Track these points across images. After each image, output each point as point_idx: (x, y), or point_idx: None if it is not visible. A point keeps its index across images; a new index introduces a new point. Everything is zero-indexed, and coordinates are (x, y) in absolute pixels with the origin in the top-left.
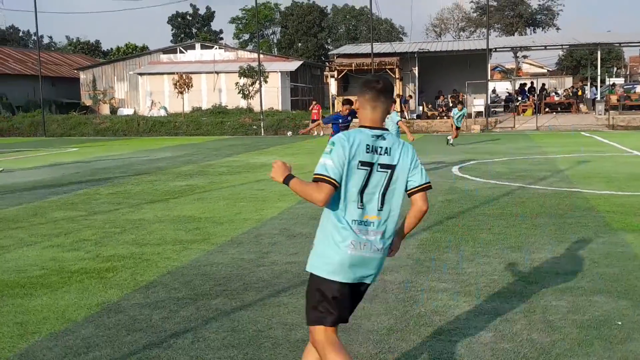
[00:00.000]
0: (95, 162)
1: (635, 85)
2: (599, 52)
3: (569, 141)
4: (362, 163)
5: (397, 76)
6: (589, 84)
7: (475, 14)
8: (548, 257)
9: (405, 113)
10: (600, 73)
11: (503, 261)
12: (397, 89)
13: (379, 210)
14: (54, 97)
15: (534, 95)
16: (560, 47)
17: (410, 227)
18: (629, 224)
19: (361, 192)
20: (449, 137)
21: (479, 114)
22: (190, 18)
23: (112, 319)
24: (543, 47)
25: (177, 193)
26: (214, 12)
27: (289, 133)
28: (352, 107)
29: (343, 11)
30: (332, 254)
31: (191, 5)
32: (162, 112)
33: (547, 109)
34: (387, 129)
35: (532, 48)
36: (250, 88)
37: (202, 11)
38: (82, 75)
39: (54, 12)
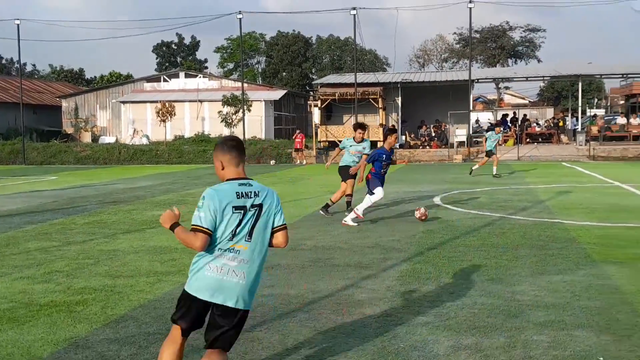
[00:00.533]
0: (74, 191)
1: (615, 117)
2: (579, 84)
3: (550, 172)
4: (236, 207)
5: (380, 106)
6: (569, 114)
7: (458, 45)
8: (529, 289)
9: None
10: (581, 104)
11: (484, 293)
12: (380, 118)
13: (246, 240)
14: (35, 125)
15: (515, 126)
16: (542, 78)
17: (285, 243)
18: (610, 255)
19: (236, 227)
20: (474, 167)
21: (461, 144)
22: (175, 47)
23: (79, 355)
24: (525, 79)
25: (154, 223)
26: (199, 41)
27: (272, 162)
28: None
29: (328, 42)
30: (201, 274)
31: (177, 34)
32: (144, 140)
33: (528, 140)
34: (251, 178)
35: (514, 79)
36: (234, 116)
37: (187, 40)
38: (65, 103)
39: (38, 40)
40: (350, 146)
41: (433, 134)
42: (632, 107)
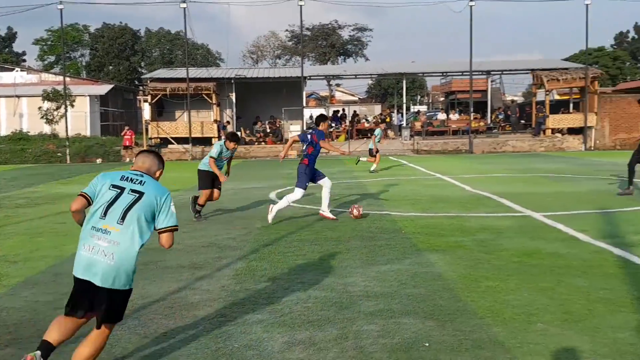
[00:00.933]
0: None
1: (437, 113)
2: (404, 81)
3: (378, 165)
4: (114, 186)
5: (214, 101)
6: (395, 111)
7: (290, 43)
8: (359, 280)
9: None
10: (405, 101)
11: (317, 287)
12: (215, 114)
13: (118, 223)
14: None
15: (346, 122)
16: (370, 76)
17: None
18: (433, 244)
19: (107, 207)
20: (361, 158)
21: None
22: None
23: None
24: (354, 76)
25: None
26: (16, 32)
27: (99, 160)
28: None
29: (157, 35)
30: (78, 254)
31: None
32: None
33: (359, 135)
34: (146, 173)
35: (344, 77)
36: (55, 113)
37: (2, 31)
38: None
39: None
40: (224, 151)
41: (268, 130)
42: (451, 103)
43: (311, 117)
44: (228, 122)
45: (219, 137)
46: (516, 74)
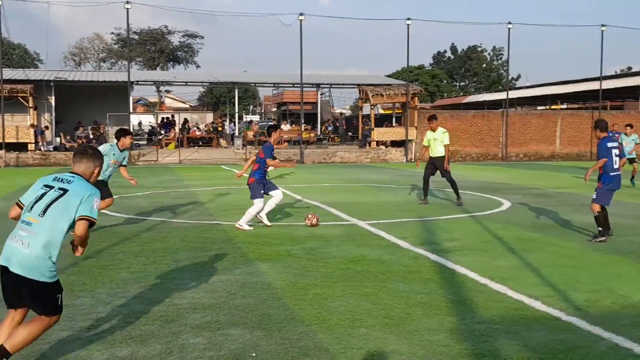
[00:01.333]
0: None
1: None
2: (236, 91)
3: (210, 175)
4: (46, 185)
5: (30, 105)
6: (228, 120)
7: (116, 46)
8: (187, 292)
9: (40, 145)
10: (238, 110)
11: (141, 301)
12: (32, 118)
13: (39, 215)
14: None
15: (175, 129)
16: (201, 83)
17: (77, 239)
18: (263, 253)
19: (35, 202)
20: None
21: None
22: None
23: None
24: (184, 83)
25: None
26: None
27: None
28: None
29: None
30: (5, 243)
31: None
32: None
33: (190, 143)
34: (77, 174)
35: (174, 83)
36: None
37: None
38: None
39: None
40: (113, 154)
41: (91, 136)
42: (283, 114)
43: (140, 123)
44: (47, 127)
45: (36, 143)
46: (344, 88)
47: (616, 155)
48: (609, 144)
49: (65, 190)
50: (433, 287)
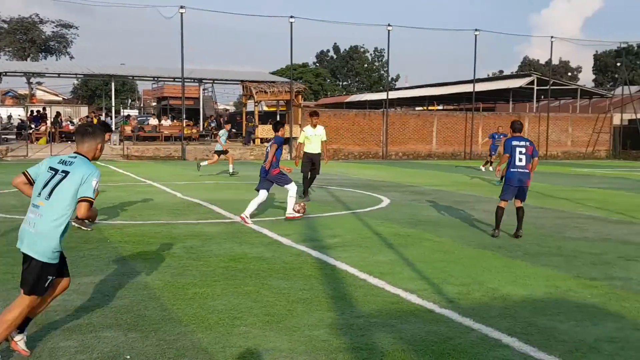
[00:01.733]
0: None
1: (148, 118)
2: (112, 84)
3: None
4: (51, 168)
5: None
6: (104, 114)
7: None
8: (59, 296)
9: None
10: (115, 104)
11: (5, 305)
12: None
13: (46, 199)
14: None
15: (47, 123)
16: (75, 75)
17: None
18: (140, 253)
19: (44, 186)
20: (203, 164)
21: None
22: None
23: None
24: (57, 75)
25: None
26: None
27: None
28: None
29: None
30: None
31: None
32: None
33: (63, 138)
34: (80, 153)
35: (46, 75)
36: None
37: None
38: None
39: None
40: None
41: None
42: (163, 109)
43: (9, 116)
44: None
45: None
46: (228, 84)
47: (521, 154)
48: (514, 142)
49: (67, 173)
50: (314, 284)
